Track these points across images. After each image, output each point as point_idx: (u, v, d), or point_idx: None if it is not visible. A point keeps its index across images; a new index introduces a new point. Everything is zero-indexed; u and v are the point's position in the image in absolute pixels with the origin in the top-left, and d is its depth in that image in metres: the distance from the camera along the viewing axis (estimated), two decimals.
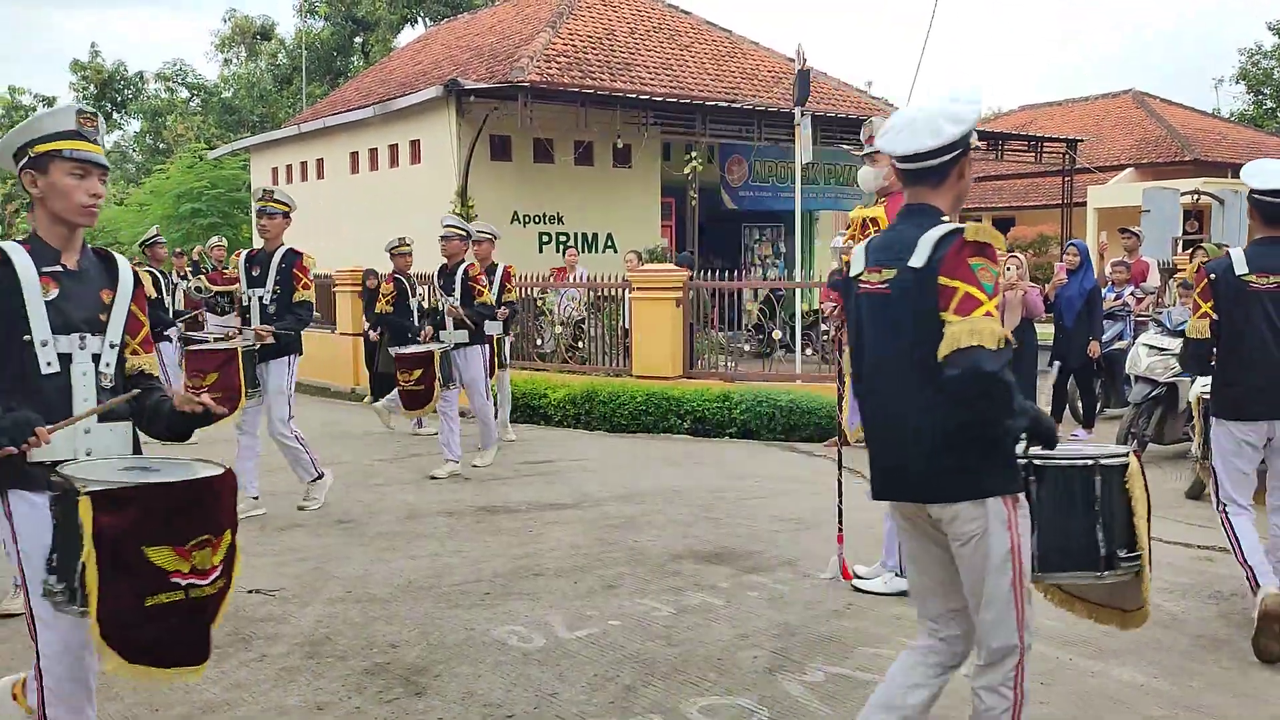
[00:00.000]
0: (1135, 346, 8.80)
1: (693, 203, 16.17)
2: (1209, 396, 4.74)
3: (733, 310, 11.82)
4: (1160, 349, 8.30)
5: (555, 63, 16.91)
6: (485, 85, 15.59)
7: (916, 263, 2.81)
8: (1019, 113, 32.30)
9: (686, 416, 10.45)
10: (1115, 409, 10.07)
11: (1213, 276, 4.58)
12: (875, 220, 5.09)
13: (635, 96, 16.01)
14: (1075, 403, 10.12)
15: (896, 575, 5.18)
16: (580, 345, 12.90)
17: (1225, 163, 24.94)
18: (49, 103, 43.98)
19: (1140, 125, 26.97)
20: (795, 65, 12.79)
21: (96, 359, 2.94)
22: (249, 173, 23.35)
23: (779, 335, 11.99)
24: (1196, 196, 17.96)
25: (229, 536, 2.66)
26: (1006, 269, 9.95)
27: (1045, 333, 10.34)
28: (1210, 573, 5.56)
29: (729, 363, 11.69)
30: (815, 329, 12.96)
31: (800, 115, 12.24)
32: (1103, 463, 3.01)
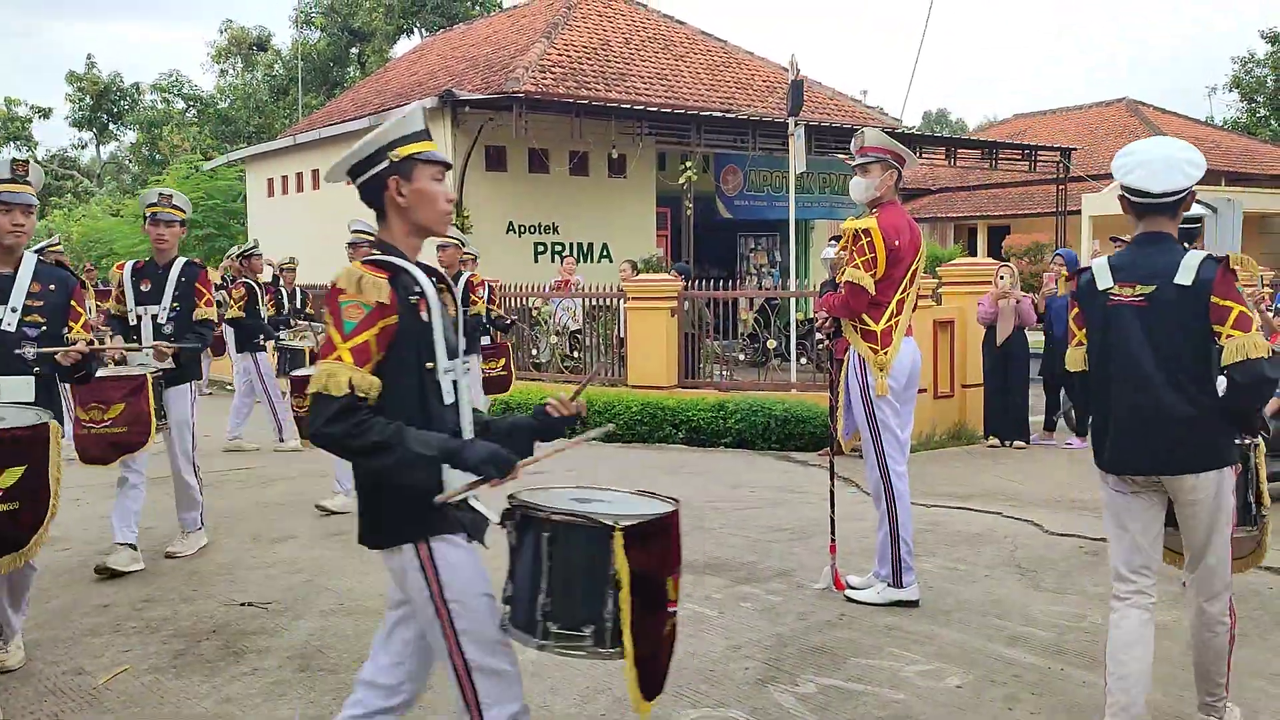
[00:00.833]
0: None
1: (688, 212, 16.20)
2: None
3: (727, 320, 11.83)
4: None
5: (550, 73, 16.95)
6: (480, 96, 15.63)
7: (1184, 281, 3.37)
8: (1013, 121, 32.41)
9: (681, 426, 10.45)
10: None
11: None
12: (868, 231, 5.09)
13: (630, 107, 16.05)
14: (1070, 412, 10.13)
15: (889, 586, 5.18)
16: (576, 355, 12.91)
17: (1219, 171, 25.03)
18: (45, 114, 44.08)
19: (1134, 133, 27.03)
20: (789, 76, 12.82)
21: None
22: (245, 184, 23.35)
23: (774, 344, 11.99)
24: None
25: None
26: (1000, 278, 9.98)
27: (1035, 340, 10.37)
28: None
29: (724, 372, 11.70)
30: (810, 338, 12.96)
31: (794, 126, 12.27)
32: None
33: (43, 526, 3.73)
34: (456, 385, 2.73)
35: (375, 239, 2.76)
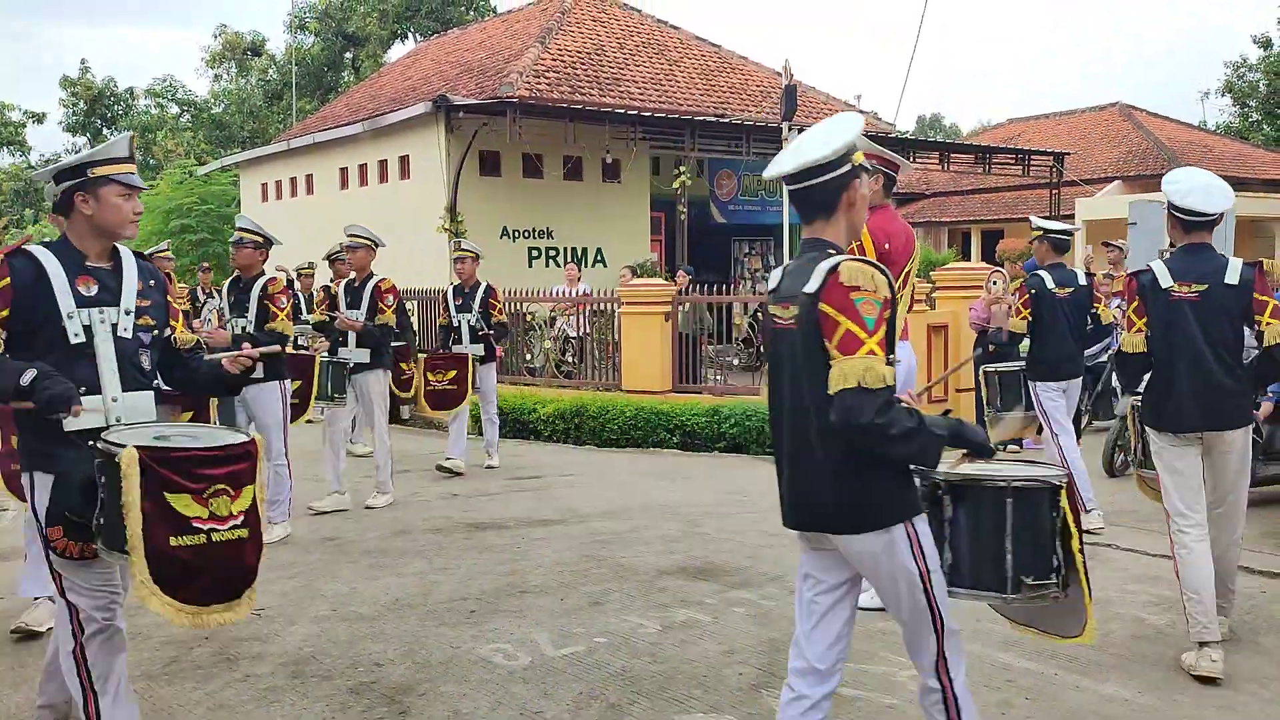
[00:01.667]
0: None
1: (682, 217, 16.21)
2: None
3: (722, 324, 11.84)
4: None
5: (544, 78, 16.96)
6: (474, 101, 15.63)
7: (1232, 280, 4.32)
8: (1006, 125, 32.44)
9: (676, 431, 10.45)
10: (1102, 422, 10.10)
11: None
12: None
13: (624, 112, 16.07)
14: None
15: None
16: (571, 360, 12.91)
17: None
18: (38, 119, 43.97)
19: (1127, 138, 27.10)
20: (782, 81, 12.84)
21: None
22: (239, 189, 23.33)
23: None
24: None
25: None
26: (992, 283, 10.00)
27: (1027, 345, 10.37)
28: None
29: (718, 376, 11.71)
30: None
31: (788, 131, 12.28)
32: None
33: (259, 559, 3.16)
34: None
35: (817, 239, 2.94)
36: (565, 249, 17.16)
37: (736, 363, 12.27)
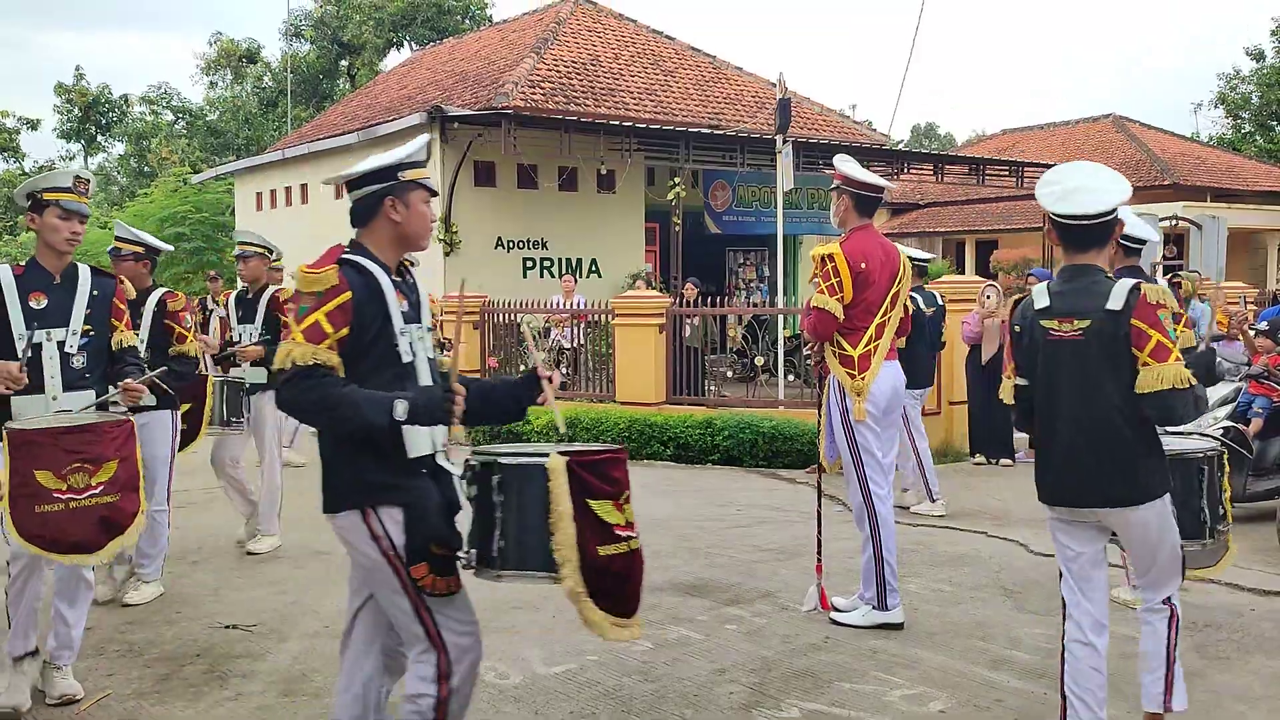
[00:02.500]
0: None
1: (676, 227, 16.24)
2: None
3: (716, 335, 11.86)
4: None
5: (539, 88, 16.99)
6: (469, 111, 15.65)
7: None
8: (1001, 136, 32.55)
9: (669, 443, 10.46)
10: None
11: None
12: (832, 256, 5.15)
13: (619, 123, 16.09)
14: None
15: (873, 608, 5.19)
16: (563, 370, 12.92)
17: (1204, 187, 25.19)
18: (33, 126, 43.96)
19: (1120, 149, 27.21)
20: (777, 94, 12.88)
21: None
22: (233, 197, 23.33)
23: (761, 360, 12.02)
24: (1174, 222, 18.13)
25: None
26: (986, 297, 10.03)
27: None
28: (1183, 603, 5.58)
29: (712, 388, 11.71)
30: (797, 354, 13.00)
31: (781, 144, 12.32)
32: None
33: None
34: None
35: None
36: (560, 259, 17.16)
37: (730, 374, 12.27)
